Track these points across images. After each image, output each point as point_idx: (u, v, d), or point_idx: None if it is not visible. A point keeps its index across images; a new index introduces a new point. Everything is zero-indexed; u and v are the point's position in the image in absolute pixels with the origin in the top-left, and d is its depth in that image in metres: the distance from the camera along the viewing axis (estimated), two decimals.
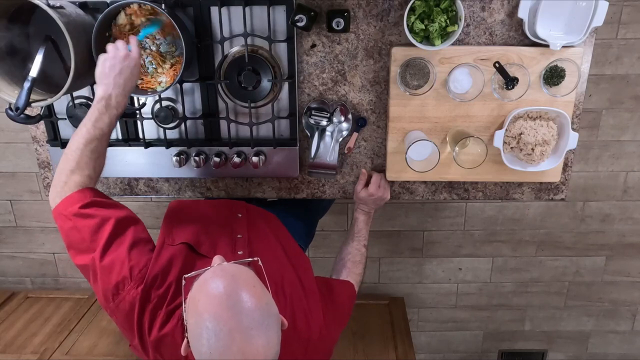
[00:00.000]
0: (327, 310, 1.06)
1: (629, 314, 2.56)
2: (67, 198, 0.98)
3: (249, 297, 0.77)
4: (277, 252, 1.12)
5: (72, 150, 1.00)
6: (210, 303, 0.76)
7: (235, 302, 0.76)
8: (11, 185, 2.35)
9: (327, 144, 1.32)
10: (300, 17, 1.15)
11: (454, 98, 1.23)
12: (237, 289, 0.77)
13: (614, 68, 2.08)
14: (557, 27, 1.19)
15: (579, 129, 1.29)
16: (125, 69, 1.03)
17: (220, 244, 1.07)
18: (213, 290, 0.77)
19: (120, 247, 0.94)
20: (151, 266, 0.94)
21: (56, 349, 2.03)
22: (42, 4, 1.00)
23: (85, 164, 1.00)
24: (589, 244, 2.40)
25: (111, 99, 1.01)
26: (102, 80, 1.03)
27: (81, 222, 0.96)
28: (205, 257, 1.02)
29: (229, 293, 0.76)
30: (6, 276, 2.55)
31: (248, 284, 0.79)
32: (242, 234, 1.12)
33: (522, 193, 1.40)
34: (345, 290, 1.20)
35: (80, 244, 0.96)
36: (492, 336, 2.63)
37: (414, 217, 2.35)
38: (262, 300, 0.78)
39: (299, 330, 0.98)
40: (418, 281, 2.50)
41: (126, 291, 0.92)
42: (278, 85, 1.27)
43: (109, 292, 0.92)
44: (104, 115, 1.01)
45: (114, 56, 1.03)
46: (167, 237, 1.04)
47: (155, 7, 1.11)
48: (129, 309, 0.92)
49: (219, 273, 0.80)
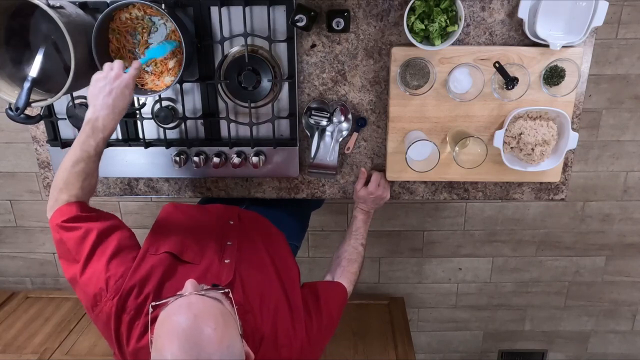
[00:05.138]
0: (311, 324, 1.04)
1: (629, 314, 2.56)
2: (56, 211, 1.01)
3: (210, 339, 0.76)
4: (265, 263, 1.10)
5: (61, 170, 1.03)
6: (170, 341, 0.76)
7: (195, 344, 0.75)
8: (11, 185, 2.35)
9: (327, 144, 1.32)
10: (300, 17, 1.15)
11: (454, 98, 1.23)
12: (198, 330, 0.76)
13: (614, 68, 2.08)
14: (557, 27, 1.19)
15: (579, 129, 1.29)
16: (116, 89, 1.01)
17: (208, 251, 1.06)
18: (174, 328, 0.77)
19: (101, 258, 0.96)
20: (129, 276, 0.95)
21: (56, 349, 2.03)
22: (42, 4, 1.00)
23: (72, 184, 1.02)
24: (589, 244, 2.40)
25: (98, 121, 1.01)
26: (92, 101, 1.03)
27: (66, 234, 0.98)
28: (189, 264, 1.02)
29: (188, 334, 0.75)
30: (6, 276, 2.55)
31: (210, 325, 0.77)
32: (232, 242, 1.12)
33: (522, 193, 1.40)
34: (334, 295, 1.17)
35: (67, 255, 0.99)
36: (492, 336, 2.63)
37: (414, 217, 2.35)
38: (224, 343, 0.77)
39: (280, 345, 0.97)
40: (418, 281, 2.50)
41: (103, 302, 0.93)
42: (278, 85, 1.27)
43: (89, 303, 0.94)
44: (90, 138, 1.01)
45: (105, 76, 1.03)
46: (151, 245, 1.04)
47: (155, 7, 1.11)
48: (106, 320, 0.93)
49: (183, 310, 0.79)
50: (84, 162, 1.02)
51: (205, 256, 1.05)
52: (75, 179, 1.02)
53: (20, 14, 1.13)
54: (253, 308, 0.97)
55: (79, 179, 1.02)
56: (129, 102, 1.04)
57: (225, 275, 1.01)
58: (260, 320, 0.96)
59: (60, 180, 1.03)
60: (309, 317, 1.05)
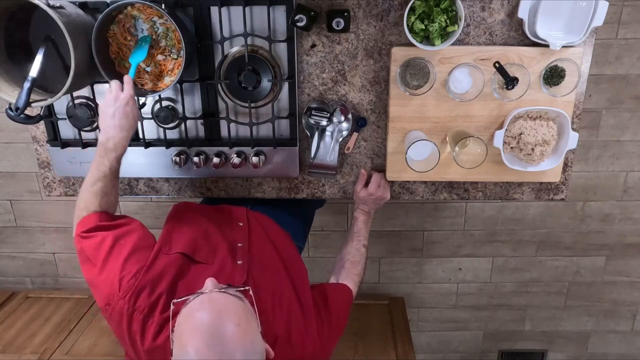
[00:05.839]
0: (321, 325, 1.06)
1: (629, 314, 2.56)
2: (78, 224, 1.08)
3: (233, 335, 0.77)
4: (276, 263, 1.12)
5: (82, 189, 1.11)
6: (194, 337, 0.77)
7: (219, 340, 0.76)
8: (11, 185, 2.35)
9: (327, 144, 1.32)
10: (300, 17, 1.15)
11: (454, 98, 1.23)
12: (222, 326, 0.77)
13: (614, 68, 2.08)
14: (557, 27, 1.19)
15: (579, 129, 1.29)
16: (118, 110, 1.06)
17: (220, 252, 1.07)
18: (198, 324, 0.78)
19: (117, 259, 0.98)
20: (142, 275, 0.95)
21: (56, 349, 2.03)
22: (42, 4, 1.00)
23: (91, 202, 1.08)
24: (589, 244, 2.40)
25: (109, 142, 1.06)
26: (101, 125, 1.09)
27: (85, 242, 1.03)
28: (202, 264, 1.03)
29: (212, 330, 0.77)
30: (6, 276, 2.55)
31: (233, 321, 0.79)
32: (242, 243, 1.13)
33: (522, 193, 1.40)
34: (340, 296, 1.19)
35: (87, 261, 1.02)
36: (492, 336, 2.63)
37: (414, 217, 2.35)
38: (247, 339, 0.78)
39: (293, 344, 0.98)
40: (418, 281, 2.50)
41: (115, 301, 0.94)
42: (278, 85, 1.27)
43: (103, 302, 0.96)
44: (103, 158, 1.07)
45: (106, 101, 1.08)
46: (164, 245, 1.05)
47: (155, 7, 1.11)
48: (119, 319, 0.94)
49: (206, 305, 0.81)
50: (101, 182, 1.07)
51: (218, 257, 1.05)
52: (94, 197, 1.08)
53: (20, 14, 1.14)
54: (266, 309, 0.97)
55: (97, 197, 1.08)
56: (135, 117, 1.09)
57: (238, 276, 1.01)
58: (274, 321, 0.97)
59: (81, 199, 1.10)
60: (319, 317, 1.07)
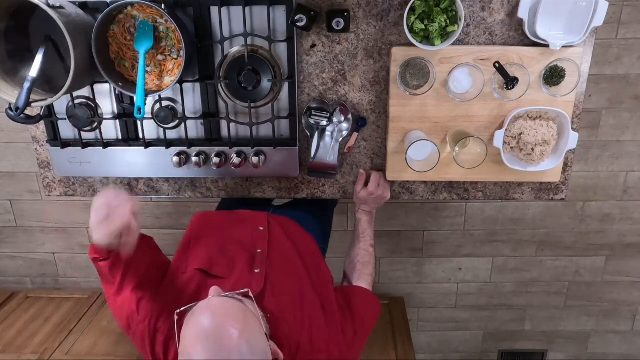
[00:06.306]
0: (347, 329, 1.05)
1: (629, 314, 2.56)
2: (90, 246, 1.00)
3: (229, 335, 0.78)
4: (297, 269, 1.11)
5: None
6: (192, 340, 0.78)
7: (216, 340, 0.77)
8: (11, 185, 2.35)
9: (327, 144, 1.31)
10: (300, 17, 1.15)
11: (454, 98, 1.23)
12: (218, 326, 0.79)
13: (614, 68, 2.08)
14: (557, 27, 1.19)
15: (579, 129, 1.29)
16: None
17: (238, 262, 1.07)
18: (196, 326, 0.79)
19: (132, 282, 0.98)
20: (160, 297, 0.97)
21: (56, 349, 2.03)
22: (42, 4, 1.00)
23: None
24: (589, 244, 2.40)
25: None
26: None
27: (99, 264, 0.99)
28: (219, 278, 1.03)
29: (208, 330, 0.78)
30: (6, 276, 2.55)
31: (229, 321, 0.79)
32: (262, 249, 1.12)
33: (522, 193, 1.40)
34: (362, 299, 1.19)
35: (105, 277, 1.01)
36: (492, 336, 2.63)
37: (414, 217, 2.35)
38: (243, 338, 0.79)
39: (317, 350, 0.98)
40: (418, 281, 2.50)
41: (135, 324, 0.95)
42: (278, 85, 1.27)
43: (123, 324, 0.98)
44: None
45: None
46: (181, 263, 1.06)
47: (155, 7, 1.11)
48: (141, 341, 0.95)
49: (204, 309, 0.82)
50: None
51: (235, 268, 1.05)
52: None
53: (20, 14, 1.13)
54: (285, 315, 0.97)
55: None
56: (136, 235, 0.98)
57: (255, 285, 1.01)
58: (294, 327, 0.97)
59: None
60: (345, 321, 1.06)
